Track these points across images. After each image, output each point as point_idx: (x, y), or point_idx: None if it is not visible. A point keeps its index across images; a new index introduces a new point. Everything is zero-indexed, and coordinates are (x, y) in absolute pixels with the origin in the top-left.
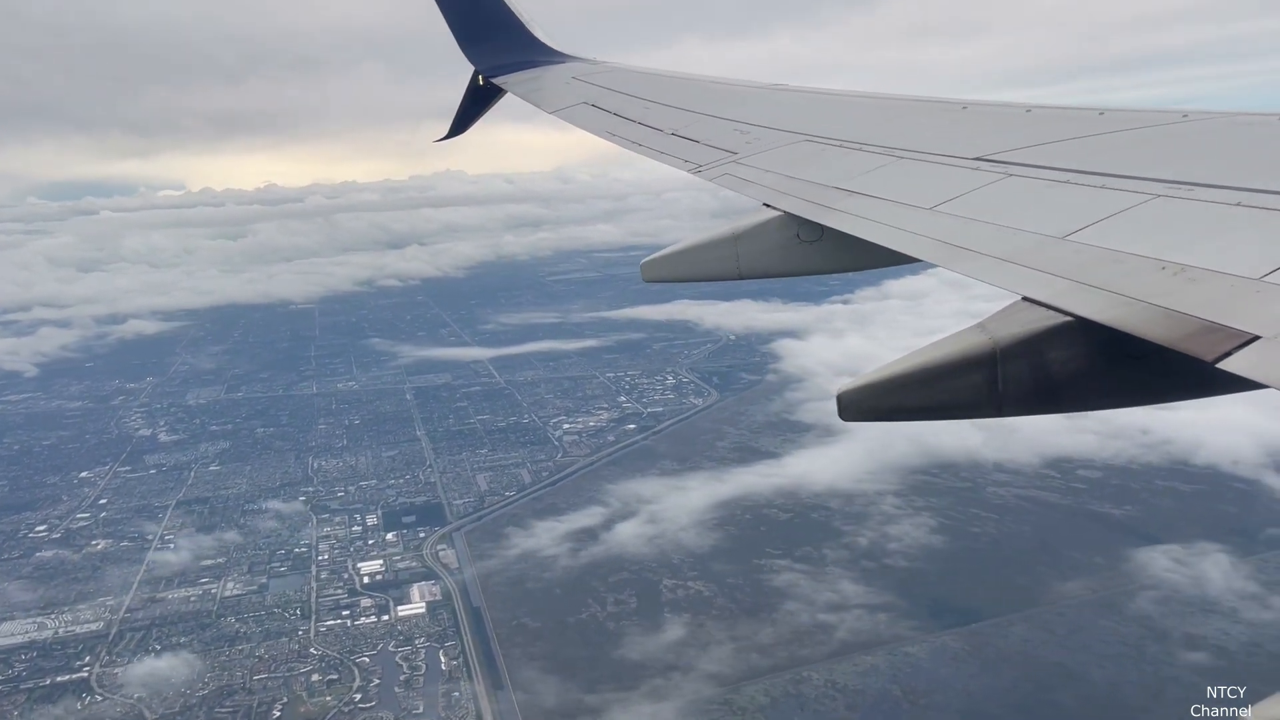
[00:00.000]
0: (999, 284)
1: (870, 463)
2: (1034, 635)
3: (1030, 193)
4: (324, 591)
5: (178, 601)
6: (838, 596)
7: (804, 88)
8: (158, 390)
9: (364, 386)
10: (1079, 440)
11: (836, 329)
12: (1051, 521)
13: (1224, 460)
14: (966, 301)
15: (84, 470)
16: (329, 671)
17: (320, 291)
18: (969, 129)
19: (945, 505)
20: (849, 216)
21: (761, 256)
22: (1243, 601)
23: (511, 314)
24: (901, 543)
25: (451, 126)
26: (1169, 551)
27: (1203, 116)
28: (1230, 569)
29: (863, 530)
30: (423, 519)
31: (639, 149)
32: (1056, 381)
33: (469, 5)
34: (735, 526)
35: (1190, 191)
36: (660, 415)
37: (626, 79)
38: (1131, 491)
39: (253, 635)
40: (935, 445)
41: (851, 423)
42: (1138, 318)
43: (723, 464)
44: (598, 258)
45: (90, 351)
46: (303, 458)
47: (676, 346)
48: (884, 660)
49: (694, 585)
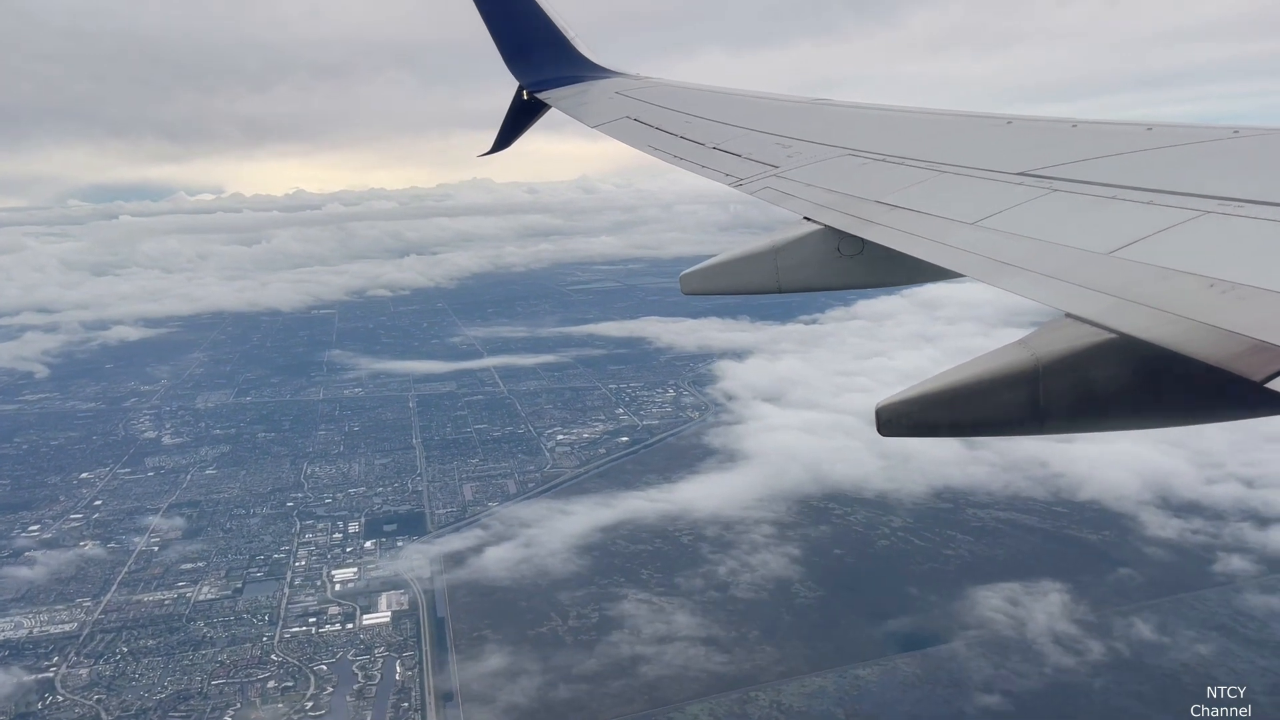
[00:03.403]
0: (1042, 300)
1: (761, 490)
2: (829, 688)
3: (1075, 208)
4: (295, 598)
5: (152, 604)
6: (666, 628)
7: (846, 102)
8: (169, 393)
9: (370, 393)
10: (972, 471)
11: (780, 351)
12: (907, 556)
13: (1109, 496)
14: (928, 324)
15: (85, 471)
16: (286, 679)
17: (308, 301)
18: (1013, 144)
19: (816, 536)
20: (890, 230)
21: (801, 270)
22: (1053, 645)
23: (479, 328)
24: (755, 574)
25: (496, 141)
26: (1008, 590)
27: (1254, 133)
28: (1059, 610)
29: (725, 560)
30: (404, 528)
31: (680, 163)
32: (1099, 399)
33: (515, 22)
34: (603, 553)
35: (1240, 209)
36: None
37: (669, 94)
38: (1001, 526)
39: (218, 640)
40: (829, 474)
41: (889, 437)
42: (1184, 336)
43: (617, 487)
44: (594, 270)
45: (70, 357)
46: (298, 463)
47: (627, 363)
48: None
49: (530, 613)
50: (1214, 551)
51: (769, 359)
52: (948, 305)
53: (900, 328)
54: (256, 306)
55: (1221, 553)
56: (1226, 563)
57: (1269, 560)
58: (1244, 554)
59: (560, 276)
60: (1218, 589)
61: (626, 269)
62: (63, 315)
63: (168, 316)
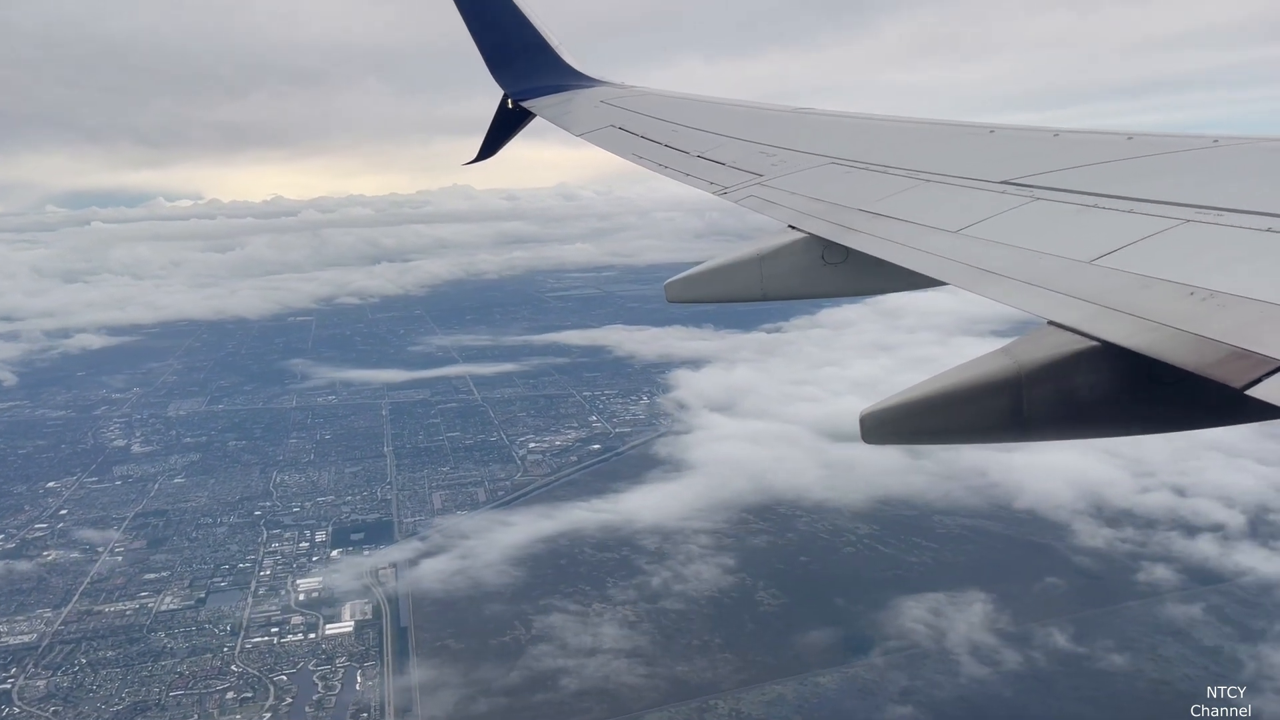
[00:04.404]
0: (1025, 308)
1: (703, 500)
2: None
3: (1057, 217)
4: (258, 608)
5: (113, 615)
6: (591, 641)
7: (830, 111)
8: (141, 401)
9: (343, 401)
10: (912, 480)
11: (737, 359)
12: (841, 566)
13: (1045, 505)
14: (887, 332)
15: (51, 480)
16: (245, 689)
17: (275, 309)
18: (995, 153)
19: (754, 546)
20: (874, 239)
21: (786, 278)
22: (970, 655)
23: (445, 336)
24: (688, 585)
25: (481, 149)
26: (933, 600)
27: (1233, 141)
28: (980, 619)
29: (660, 571)
30: (371, 536)
31: (665, 171)
32: (1082, 406)
33: (500, 32)
34: (539, 565)
35: (1220, 217)
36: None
37: (654, 103)
38: (935, 535)
39: (179, 651)
40: (771, 483)
41: (874, 444)
42: (1165, 343)
43: (560, 497)
44: (566, 278)
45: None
46: (267, 472)
47: (589, 371)
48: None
49: (455, 625)
50: (1139, 561)
51: (725, 368)
52: (908, 314)
53: (859, 336)
54: (223, 314)
55: (1146, 562)
56: (1150, 572)
57: (1191, 570)
58: (1168, 564)
59: (536, 284)
60: (1140, 600)
61: (600, 276)
62: (25, 324)
63: (131, 325)
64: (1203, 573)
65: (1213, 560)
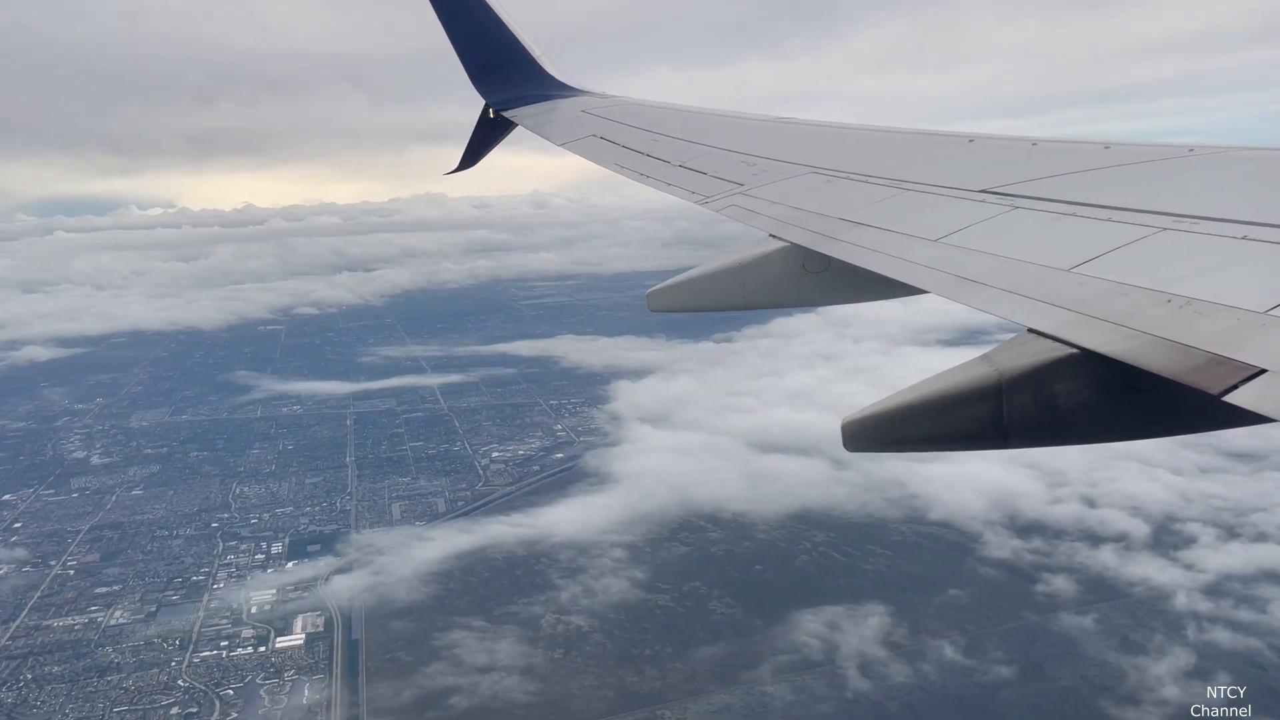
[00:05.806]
0: (1005, 315)
1: (625, 514)
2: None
3: (1036, 225)
4: (209, 621)
5: (61, 630)
6: (487, 658)
7: (811, 120)
8: (103, 411)
9: (308, 410)
10: (834, 492)
11: (679, 370)
12: (749, 580)
13: (961, 516)
14: (833, 342)
15: (7, 493)
16: (190, 704)
17: (231, 320)
18: (975, 161)
19: (665, 560)
20: (855, 248)
21: (767, 287)
22: (860, 667)
23: (394, 347)
24: (595, 600)
25: (462, 159)
26: (831, 614)
27: (1208, 151)
28: (875, 631)
29: (571, 586)
30: (327, 548)
31: (647, 180)
32: (1062, 413)
33: (481, 41)
34: (452, 580)
35: (1196, 225)
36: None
37: (636, 112)
38: (848, 548)
39: (125, 666)
40: (694, 496)
41: (856, 453)
42: (1143, 350)
43: (481, 513)
44: (531, 286)
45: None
46: (227, 483)
47: (532, 382)
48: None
49: (353, 643)
50: (1041, 572)
51: (665, 379)
52: (856, 323)
53: (806, 346)
54: (177, 325)
55: (1048, 574)
56: (1050, 583)
57: (1089, 582)
58: (1069, 574)
59: (499, 293)
60: (1036, 612)
61: (564, 285)
62: None
63: (81, 336)
64: (1100, 584)
65: (1110, 571)
